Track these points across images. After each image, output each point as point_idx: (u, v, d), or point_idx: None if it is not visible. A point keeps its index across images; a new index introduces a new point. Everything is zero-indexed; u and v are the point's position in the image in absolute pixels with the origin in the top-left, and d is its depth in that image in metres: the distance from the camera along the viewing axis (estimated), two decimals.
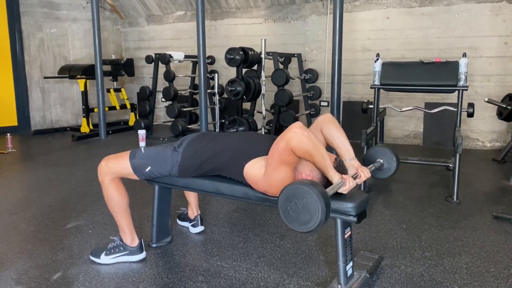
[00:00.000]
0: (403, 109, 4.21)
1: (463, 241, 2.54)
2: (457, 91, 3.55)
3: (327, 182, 1.87)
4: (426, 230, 2.71)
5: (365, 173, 1.97)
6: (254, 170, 1.94)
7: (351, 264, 1.97)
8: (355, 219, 1.84)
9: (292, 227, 1.64)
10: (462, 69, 3.46)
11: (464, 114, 3.75)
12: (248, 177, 1.98)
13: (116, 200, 2.21)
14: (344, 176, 1.80)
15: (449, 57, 4.05)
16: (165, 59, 5.85)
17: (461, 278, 2.10)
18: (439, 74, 3.58)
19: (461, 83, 3.47)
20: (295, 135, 1.70)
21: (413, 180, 3.92)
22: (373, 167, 2.17)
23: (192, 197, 2.66)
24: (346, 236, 1.92)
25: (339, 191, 1.79)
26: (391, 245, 2.48)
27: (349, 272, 1.95)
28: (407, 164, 4.25)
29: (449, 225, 2.80)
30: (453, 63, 3.54)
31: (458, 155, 3.28)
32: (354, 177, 1.90)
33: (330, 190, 1.70)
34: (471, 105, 3.75)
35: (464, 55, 3.51)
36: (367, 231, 2.69)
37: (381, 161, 2.23)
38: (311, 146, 1.70)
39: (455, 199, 3.25)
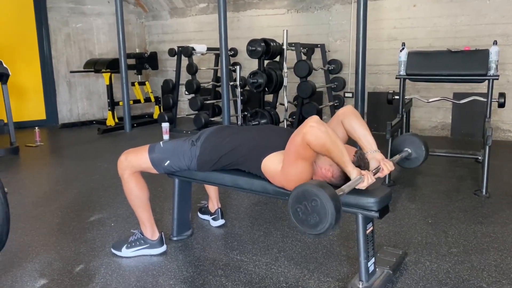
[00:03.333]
0: (430, 100, 4.08)
1: (492, 237, 2.44)
2: (487, 81, 3.42)
3: (347, 178, 1.82)
4: (453, 225, 2.62)
5: (387, 166, 1.89)
6: (272, 165, 1.91)
7: (373, 260, 1.91)
8: (377, 214, 1.78)
9: (301, 228, 1.59)
10: (493, 57, 3.32)
11: (495, 104, 3.62)
12: (266, 172, 1.95)
13: (136, 194, 2.22)
14: (362, 172, 1.73)
15: (480, 45, 3.89)
16: (187, 52, 5.85)
17: (489, 276, 2.02)
18: (468, 63, 3.44)
19: (492, 72, 3.33)
20: (311, 129, 1.65)
21: (440, 173, 3.80)
22: (399, 158, 2.07)
23: (212, 191, 2.65)
24: (368, 231, 1.87)
25: (357, 187, 1.73)
26: (415, 241, 2.41)
27: (371, 268, 1.90)
28: (434, 157, 4.12)
29: (477, 220, 2.70)
30: (483, 52, 3.40)
31: (487, 147, 3.16)
32: (375, 171, 1.84)
33: (346, 188, 1.64)
34: (502, 95, 3.61)
35: (495, 42, 3.36)
36: (391, 225, 2.62)
37: (409, 150, 2.13)
38: (328, 141, 1.65)
39: (484, 193, 3.13)
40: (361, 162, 1.83)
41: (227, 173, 2.14)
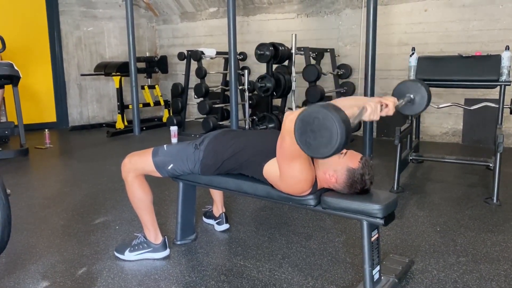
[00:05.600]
0: (440, 106, 4.02)
1: (502, 246, 2.38)
2: (498, 87, 3.36)
3: (352, 185, 1.79)
4: (462, 233, 2.56)
5: (389, 100, 1.80)
6: (273, 171, 1.88)
7: (378, 268, 1.87)
8: (382, 221, 1.74)
9: (318, 154, 1.49)
10: (505, 63, 3.28)
11: (507, 110, 3.55)
12: (268, 178, 1.93)
13: (139, 197, 2.20)
14: (367, 103, 1.67)
15: (492, 51, 3.83)
16: (196, 56, 5.86)
17: (499, 286, 1.96)
18: (480, 69, 3.39)
19: (504, 77, 3.28)
20: (286, 118, 1.66)
21: (451, 180, 3.73)
22: (402, 102, 1.97)
23: (217, 195, 2.63)
24: (373, 239, 1.83)
25: (364, 119, 1.66)
26: (423, 249, 2.36)
27: (376, 276, 1.86)
28: (444, 163, 4.08)
29: (487, 228, 2.64)
30: (494, 57, 3.35)
31: (499, 154, 3.10)
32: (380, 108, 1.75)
33: (352, 120, 1.56)
34: None
35: (507, 48, 3.30)
36: (399, 233, 2.57)
37: (411, 96, 2.03)
38: None
39: (495, 201, 3.07)
40: (366, 169, 1.79)
41: (231, 177, 2.11)
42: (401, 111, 2.03)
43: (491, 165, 3.43)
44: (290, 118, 1.63)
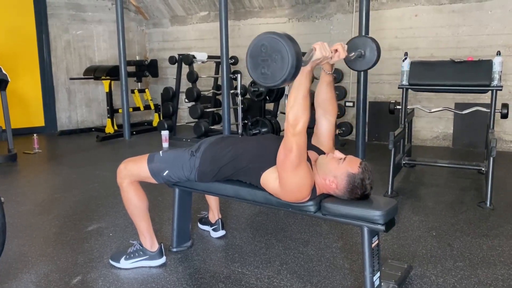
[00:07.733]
0: (432, 110, 4.05)
1: (498, 250, 2.39)
2: (490, 91, 3.40)
3: (352, 190, 1.78)
4: (457, 238, 2.57)
5: (336, 44, 1.88)
6: (271, 181, 1.87)
7: (378, 274, 1.87)
8: (383, 227, 1.74)
9: (277, 81, 1.53)
10: (496, 68, 3.31)
11: (497, 115, 3.59)
12: (266, 187, 1.91)
13: (135, 203, 2.17)
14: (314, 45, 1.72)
15: (481, 56, 3.88)
16: (188, 59, 5.83)
17: None
18: (471, 74, 3.42)
19: (495, 82, 3.32)
20: (287, 132, 1.69)
21: (443, 184, 3.76)
22: (354, 54, 2.05)
23: (213, 201, 2.60)
24: (373, 245, 1.82)
25: (317, 56, 1.71)
26: (420, 254, 2.36)
27: (377, 283, 1.85)
28: (436, 167, 4.11)
29: (482, 232, 2.65)
30: (486, 62, 3.38)
31: (491, 158, 3.12)
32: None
33: (304, 59, 1.62)
34: (505, 105, 3.59)
35: (499, 53, 3.34)
36: (395, 238, 2.57)
37: (362, 51, 2.10)
38: (293, 97, 1.67)
39: (488, 205, 3.09)
40: (366, 174, 1.79)
41: (229, 183, 2.09)
42: (352, 66, 2.15)
43: (483, 169, 3.46)
44: (292, 132, 1.67)
